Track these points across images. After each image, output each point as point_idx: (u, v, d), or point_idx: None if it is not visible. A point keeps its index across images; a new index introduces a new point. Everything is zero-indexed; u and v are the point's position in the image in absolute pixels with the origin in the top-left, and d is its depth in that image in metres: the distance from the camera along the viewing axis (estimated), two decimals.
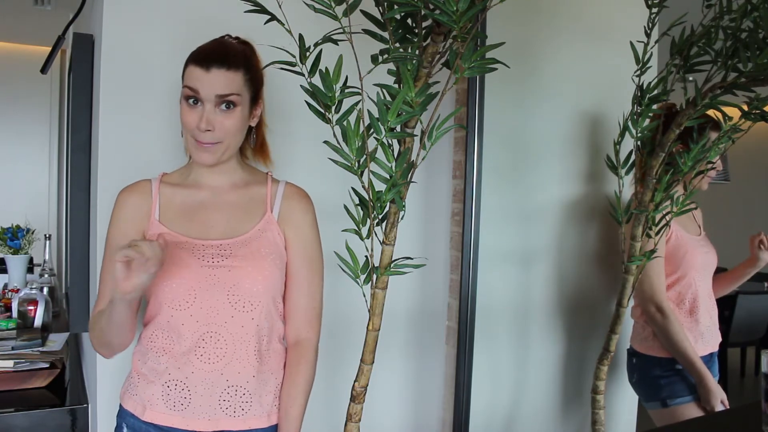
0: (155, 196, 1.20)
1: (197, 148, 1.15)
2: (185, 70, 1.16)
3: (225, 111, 1.14)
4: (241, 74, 1.15)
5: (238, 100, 1.14)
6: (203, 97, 1.12)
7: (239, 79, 1.14)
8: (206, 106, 1.12)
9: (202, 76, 1.11)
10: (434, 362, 2.00)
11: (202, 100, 1.12)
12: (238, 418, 1.14)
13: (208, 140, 1.13)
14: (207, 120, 1.12)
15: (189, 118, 1.13)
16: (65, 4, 3.21)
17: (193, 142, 1.15)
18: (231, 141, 1.17)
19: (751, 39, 1.61)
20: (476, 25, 1.14)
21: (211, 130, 1.13)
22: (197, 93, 1.12)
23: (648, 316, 1.83)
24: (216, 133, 1.13)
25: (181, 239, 1.15)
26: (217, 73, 1.12)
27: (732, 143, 1.82)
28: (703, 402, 1.75)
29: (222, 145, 1.15)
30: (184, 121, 1.14)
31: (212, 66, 1.11)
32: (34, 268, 2.41)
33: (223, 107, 1.13)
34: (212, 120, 1.12)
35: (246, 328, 1.14)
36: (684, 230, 1.88)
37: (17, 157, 4.24)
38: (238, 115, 1.16)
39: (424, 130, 1.19)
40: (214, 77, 1.11)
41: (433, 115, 1.18)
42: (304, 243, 1.24)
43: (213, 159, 1.16)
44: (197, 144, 1.14)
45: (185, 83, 1.14)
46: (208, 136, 1.13)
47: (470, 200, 1.87)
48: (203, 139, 1.13)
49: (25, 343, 1.52)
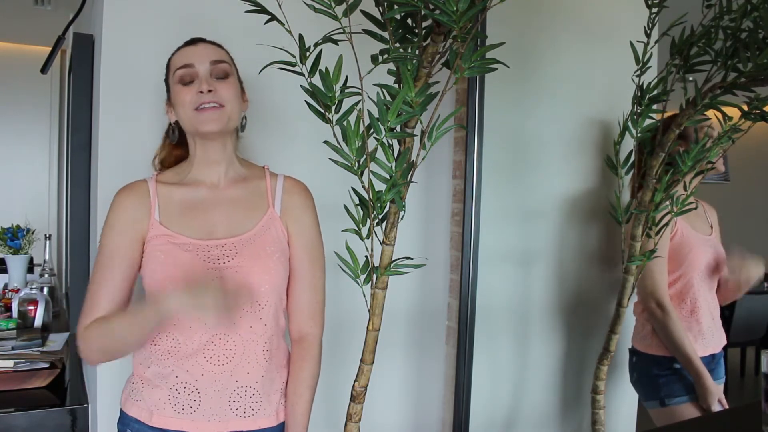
0: (153, 196, 1.17)
1: (201, 117, 1.13)
2: (170, 62, 1.19)
3: (220, 80, 1.15)
4: (225, 52, 1.21)
5: (230, 69, 1.18)
6: (197, 67, 1.14)
7: (225, 54, 1.20)
8: (201, 74, 1.14)
9: (191, 50, 1.17)
10: (434, 362, 2.00)
11: (197, 72, 1.14)
12: (248, 419, 1.13)
13: (211, 100, 1.12)
14: (207, 82, 1.13)
15: (186, 94, 1.14)
16: (65, 4, 3.21)
17: (194, 114, 1.13)
18: (232, 108, 1.16)
19: (751, 39, 1.60)
20: (476, 25, 1.14)
21: (212, 90, 1.13)
22: (191, 66, 1.14)
23: (648, 311, 1.83)
24: (218, 94, 1.13)
25: (184, 240, 1.13)
26: (204, 45, 1.18)
27: (732, 143, 1.82)
28: (701, 401, 1.75)
29: (225, 110, 1.14)
30: (182, 99, 1.14)
31: (198, 42, 1.18)
32: (34, 268, 2.41)
33: (217, 77, 1.15)
34: (212, 83, 1.14)
35: (255, 328, 1.13)
36: (691, 228, 1.87)
37: (17, 157, 4.24)
38: (234, 84, 1.17)
39: (424, 130, 1.19)
40: (202, 48, 1.17)
41: (433, 115, 1.18)
42: (307, 237, 1.23)
43: (218, 125, 1.14)
44: (200, 114, 1.13)
45: (176, 66, 1.16)
46: (210, 96, 1.12)
47: (470, 200, 1.87)
48: (207, 100, 1.12)
49: (25, 343, 1.52)
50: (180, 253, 1.12)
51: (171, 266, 1.10)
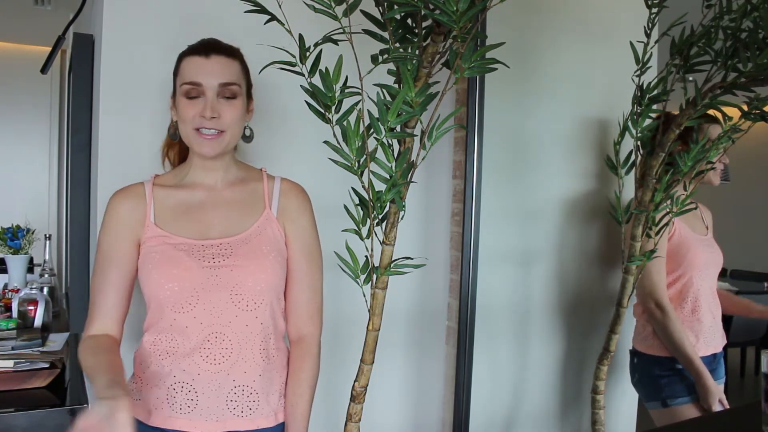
0: (149, 198, 1.17)
1: (200, 140, 1.14)
2: (180, 64, 1.16)
3: (227, 101, 1.14)
4: (237, 63, 1.17)
5: (238, 90, 1.16)
6: (205, 87, 1.12)
7: (237, 68, 1.17)
8: (208, 95, 1.12)
9: (202, 64, 1.13)
10: (434, 362, 2.00)
11: (204, 91, 1.12)
12: (246, 418, 1.13)
13: (213, 127, 1.13)
14: (212, 107, 1.12)
15: (190, 110, 1.13)
16: (65, 4, 3.21)
17: (194, 134, 1.14)
18: (233, 132, 1.16)
19: (751, 39, 1.61)
20: (476, 25, 1.14)
21: (216, 117, 1.12)
22: (199, 85, 1.12)
23: (648, 313, 1.83)
24: (220, 121, 1.13)
25: (179, 240, 1.14)
26: (216, 59, 1.13)
27: (732, 143, 1.82)
28: (702, 401, 1.75)
29: (225, 135, 1.15)
30: (185, 114, 1.13)
31: (211, 53, 1.14)
32: (34, 268, 2.41)
33: (224, 98, 1.14)
34: (217, 108, 1.13)
35: (251, 327, 1.13)
36: (689, 229, 1.87)
37: (17, 157, 4.25)
38: (240, 106, 1.16)
39: (424, 130, 1.19)
40: (214, 64, 1.13)
41: (433, 115, 1.18)
42: (304, 238, 1.23)
43: (216, 150, 1.14)
44: (199, 136, 1.13)
45: (184, 80, 1.14)
46: (213, 123, 1.12)
47: (470, 200, 1.87)
48: (208, 126, 1.12)
49: (25, 343, 1.52)
50: (175, 253, 1.12)
51: (166, 266, 1.11)
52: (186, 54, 1.16)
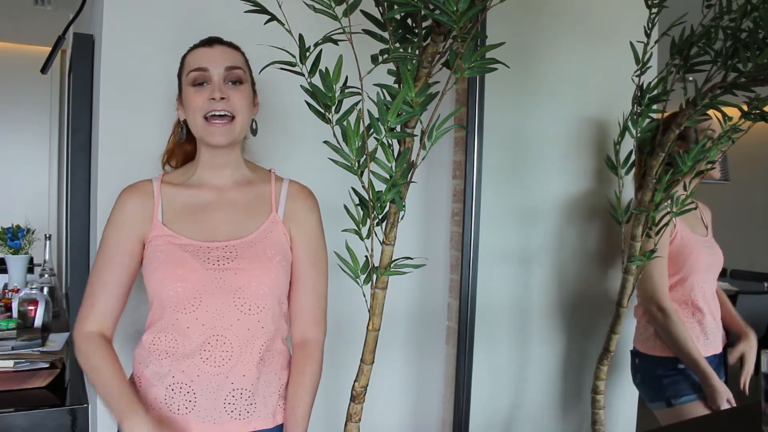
0: (157, 196, 1.17)
1: (211, 129, 1.14)
2: (184, 60, 1.18)
3: (233, 86, 1.15)
4: (240, 55, 1.20)
5: (244, 76, 1.17)
6: (212, 72, 1.14)
7: (241, 57, 1.19)
8: (215, 80, 1.14)
9: (207, 52, 1.16)
10: (434, 362, 2.00)
11: (211, 76, 1.14)
12: (242, 421, 1.13)
13: (223, 108, 1.13)
14: (220, 88, 1.13)
15: (198, 97, 1.14)
16: (65, 4, 3.21)
17: (204, 125, 1.14)
18: (242, 118, 1.16)
19: (751, 39, 1.61)
20: (476, 25, 1.14)
21: (226, 99, 1.13)
22: (205, 70, 1.14)
23: (650, 315, 1.83)
24: (230, 103, 1.14)
25: (185, 241, 1.13)
26: (221, 48, 1.17)
27: (732, 143, 1.82)
28: (710, 401, 1.74)
29: (236, 122, 1.15)
30: (193, 103, 1.14)
31: (215, 43, 1.17)
32: (34, 268, 2.41)
33: (231, 83, 1.15)
34: (225, 90, 1.14)
35: (252, 331, 1.13)
36: (690, 230, 1.87)
37: (17, 157, 4.25)
38: (247, 92, 1.17)
39: (424, 130, 1.19)
40: (219, 52, 1.16)
41: (433, 115, 1.18)
42: (310, 242, 1.23)
43: (227, 139, 1.15)
44: (211, 125, 1.13)
45: (190, 68, 1.15)
46: (223, 105, 1.13)
47: (470, 200, 1.87)
48: (219, 108, 1.13)
49: (25, 343, 1.52)
50: (180, 254, 1.12)
51: (172, 266, 1.10)
52: (190, 49, 1.19)
